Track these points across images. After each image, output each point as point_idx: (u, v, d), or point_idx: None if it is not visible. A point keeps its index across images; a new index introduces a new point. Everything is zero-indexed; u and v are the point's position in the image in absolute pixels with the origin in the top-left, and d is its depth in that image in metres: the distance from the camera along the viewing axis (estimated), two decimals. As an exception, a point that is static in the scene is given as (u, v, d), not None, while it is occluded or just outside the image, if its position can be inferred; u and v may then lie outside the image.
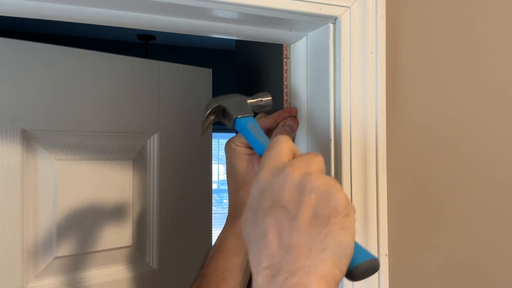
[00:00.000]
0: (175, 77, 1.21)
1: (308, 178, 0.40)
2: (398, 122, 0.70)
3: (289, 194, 0.40)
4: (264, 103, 0.64)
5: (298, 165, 0.42)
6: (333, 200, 0.39)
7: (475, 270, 0.78)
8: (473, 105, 0.77)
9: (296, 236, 0.39)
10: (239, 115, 0.59)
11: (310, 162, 0.43)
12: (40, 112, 0.98)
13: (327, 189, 0.40)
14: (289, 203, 0.40)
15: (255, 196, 0.43)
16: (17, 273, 0.95)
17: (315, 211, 0.39)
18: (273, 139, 0.48)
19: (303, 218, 0.39)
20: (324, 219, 0.39)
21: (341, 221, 0.39)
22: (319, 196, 0.40)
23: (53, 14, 0.54)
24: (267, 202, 0.41)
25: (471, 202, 0.77)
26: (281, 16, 0.58)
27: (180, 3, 0.52)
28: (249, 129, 0.57)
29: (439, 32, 0.74)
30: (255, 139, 0.56)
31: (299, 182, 0.41)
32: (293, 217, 0.40)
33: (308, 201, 0.40)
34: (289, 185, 0.41)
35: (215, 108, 0.60)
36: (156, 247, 1.18)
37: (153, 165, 1.17)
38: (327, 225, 0.39)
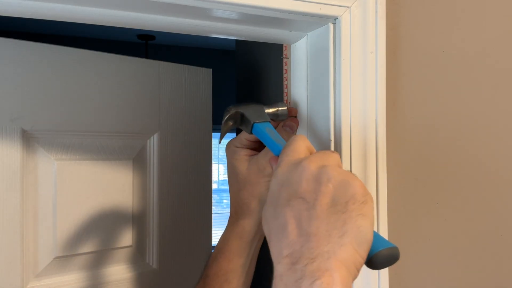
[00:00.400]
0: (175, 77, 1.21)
1: (325, 169, 0.42)
2: (398, 122, 0.70)
3: (307, 185, 0.42)
4: (281, 112, 0.66)
5: (315, 158, 0.43)
6: (350, 188, 0.40)
7: (475, 270, 0.78)
8: (473, 105, 0.77)
9: (314, 224, 0.40)
10: (257, 120, 0.61)
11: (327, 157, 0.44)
12: (40, 112, 0.98)
13: (344, 178, 0.41)
14: (307, 193, 0.41)
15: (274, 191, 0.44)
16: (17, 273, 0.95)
17: (332, 199, 0.40)
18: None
19: (320, 206, 0.40)
20: (342, 206, 0.40)
21: (359, 208, 0.40)
22: (336, 185, 0.41)
23: (53, 14, 0.54)
24: (285, 194, 0.42)
25: (471, 202, 0.77)
26: (281, 16, 0.58)
27: (180, 3, 0.52)
28: (267, 133, 0.59)
29: (439, 32, 0.74)
30: (273, 142, 0.57)
31: (316, 173, 0.42)
32: (311, 206, 0.41)
33: (325, 190, 0.41)
34: (307, 176, 0.42)
35: (234, 114, 0.62)
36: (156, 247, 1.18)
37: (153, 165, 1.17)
38: (345, 211, 0.40)
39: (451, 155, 0.75)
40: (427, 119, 0.73)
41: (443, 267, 0.75)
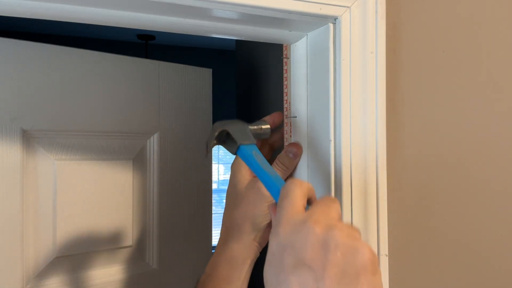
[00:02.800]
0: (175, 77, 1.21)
1: (332, 233, 0.39)
2: (398, 122, 0.70)
3: (313, 252, 0.39)
4: (263, 131, 0.65)
5: (319, 218, 0.41)
6: (360, 256, 0.38)
7: (475, 270, 0.78)
8: (473, 105, 0.77)
9: None
10: (244, 142, 0.59)
11: (329, 212, 0.42)
12: (40, 112, 0.98)
13: (352, 244, 0.38)
14: (314, 261, 0.38)
15: (276, 252, 0.41)
16: (17, 273, 0.95)
17: (342, 269, 0.38)
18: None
19: (330, 278, 0.38)
20: (352, 278, 0.38)
21: (371, 280, 0.38)
22: (345, 253, 0.38)
23: (53, 14, 0.54)
24: (289, 260, 0.40)
25: (471, 203, 0.77)
26: (281, 16, 0.58)
27: (180, 3, 0.52)
28: (253, 157, 0.57)
29: (439, 32, 0.74)
30: (260, 168, 0.55)
31: (322, 239, 0.39)
32: (319, 277, 0.38)
33: (334, 260, 0.38)
34: (312, 242, 0.39)
35: (220, 133, 0.61)
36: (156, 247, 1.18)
37: (153, 165, 1.17)
38: (356, 284, 0.37)
39: (451, 155, 0.75)
40: (427, 119, 0.73)
41: (443, 267, 0.75)
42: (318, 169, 0.65)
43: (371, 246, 0.41)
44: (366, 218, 0.64)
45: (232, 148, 0.60)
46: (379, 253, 0.65)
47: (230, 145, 0.60)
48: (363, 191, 0.63)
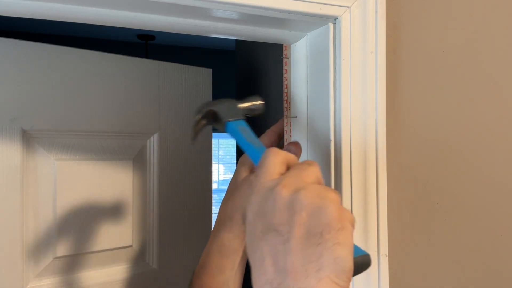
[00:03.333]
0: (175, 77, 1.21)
1: (297, 195, 0.39)
2: (398, 122, 0.70)
3: (280, 216, 0.39)
4: (255, 106, 0.64)
5: (288, 181, 0.40)
6: (324, 215, 0.37)
7: (475, 270, 0.78)
8: (472, 105, 0.77)
9: (290, 259, 0.37)
10: (230, 118, 0.59)
11: (302, 175, 0.41)
12: (40, 112, 0.98)
13: (318, 203, 0.38)
14: (281, 225, 0.38)
15: (250, 221, 0.41)
16: (17, 273, 0.95)
17: (307, 229, 0.38)
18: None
19: (295, 239, 0.37)
20: (317, 237, 0.37)
21: (335, 236, 0.37)
22: (310, 213, 0.38)
23: (53, 14, 0.54)
24: (260, 226, 0.40)
25: (471, 202, 0.77)
26: (281, 16, 0.58)
27: (180, 3, 0.52)
28: (239, 132, 0.57)
29: (439, 32, 0.74)
30: (245, 142, 0.55)
31: (288, 201, 0.39)
32: (286, 239, 0.38)
33: (298, 221, 0.38)
34: (279, 206, 0.39)
35: (207, 113, 0.61)
36: (156, 247, 1.18)
37: (153, 165, 1.17)
38: (321, 242, 0.37)
39: (451, 154, 0.75)
40: (427, 119, 0.73)
41: (443, 267, 0.75)
42: (318, 169, 0.65)
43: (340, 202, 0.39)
44: (366, 218, 0.64)
45: (221, 126, 0.60)
46: (379, 253, 0.65)
47: (220, 124, 0.60)
48: (363, 191, 0.63)
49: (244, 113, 0.62)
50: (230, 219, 0.63)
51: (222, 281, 0.62)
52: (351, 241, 0.38)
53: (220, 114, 0.59)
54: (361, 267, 0.41)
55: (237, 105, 0.62)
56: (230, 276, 0.62)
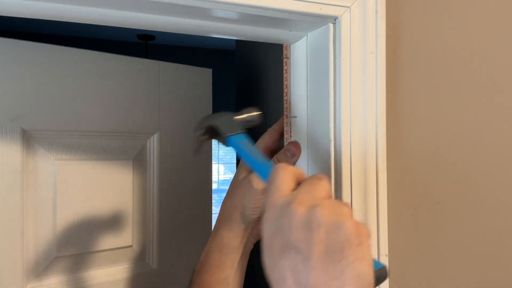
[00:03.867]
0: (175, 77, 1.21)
1: (314, 212, 0.39)
2: (398, 122, 0.70)
3: (298, 234, 0.39)
4: (252, 117, 0.65)
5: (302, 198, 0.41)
6: (342, 232, 0.38)
7: (475, 270, 0.78)
8: (473, 105, 0.77)
9: (312, 277, 0.38)
10: (230, 133, 0.59)
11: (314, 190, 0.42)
12: (40, 112, 0.98)
13: (335, 220, 0.39)
14: (299, 243, 0.39)
15: (267, 239, 0.42)
16: (17, 273, 0.95)
17: (326, 246, 0.38)
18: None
19: (315, 257, 0.38)
20: (337, 253, 0.38)
21: (355, 252, 0.38)
22: (328, 230, 0.39)
23: (53, 14, 0.54)
24: (278, 244, 0.41)
25: (471, 202, 0.77)
26: (281, 16, 0.58)
27: (180, 3, 0.52)
28: (241, 146, 0.57)
29: (439, 32, 0.74)
30: (249, 157, 0.56)
31: (305, 219, 0.39)
32: (306, 257, 0.39)
33: (317, 238, 0.39)
34: (296, 223, 0.40)
35: (206, 128, 0.61)
36: (156, 247, 1.18)
37: (153, 165, 1.17)
38: (342, 259, 0.38)
39: (451, 154, 0.75)
40: (427, 119, 0.73)
41: (443, 267, 0.75)
42: (318, 169, 0.65)
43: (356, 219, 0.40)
44: (366, 218, 0.64)
45: (222, 140, 0.61)
46: (379, 253, 0.65)
47: (220, 138, 0.61)
48: (363, 191, 0.63)
49: (242, 125, 0.62)
50: (230, 217, 0.64)
51: (222, 279, 0.62)
52: (370, 256, 0.39)
53: (219, 129, 0.60)
54: (380, 279, 0.42)
55: (234, 118, 0.62)
56: (230, 274, 0.63)
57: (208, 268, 0.63)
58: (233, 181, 0.67)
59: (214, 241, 0.64)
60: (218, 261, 0.63)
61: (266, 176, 0.51)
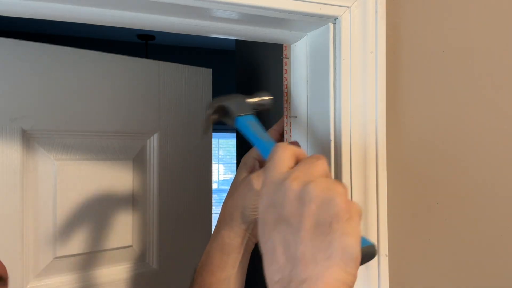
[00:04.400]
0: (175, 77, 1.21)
1: (307, 187, 0.40)
2: (398, 122, 0.70)
3: (290, 207, 0.41)
4: (264, 101, 0.65)
5: (298, 175, 0.42)
6: (332, 206, 0.39)
7: (475, 270, 0.78)
8: (473, 105, 0.77)
9: (300, 248, 0.39)
10: (240, 113, 0.60)
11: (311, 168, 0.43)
12: (40, 112, 0.98)
13: (327, 195, 0.40)
14: (291, 216, 0.40)
15: (262, 213, 0.43)
16: (17, 273, 0.95)
17: (316, 220, 0.40)
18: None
19: (305, 230, 0.40)
20: (326, 227, 0.39)
21: (343, 226, 0.39)
22: (319, 204, 0.40)
23: (53, 14, 0.54)
24: (271, 217, 0.42)
25: (471, 202, 0.77)
26: (281, 16, 0.58)
27: (180, 3, 0.52)
28: (249, 126, 0.58)
29: (439, 32, 0.74)
30: (255, 136, 0.57)
31: (298, 194, 0.41)
32: (296, 230, 0.40)
33: (308, 212, 0.40)
34: (289, 197, 0.41)
35: (217, 108, 0.62)
36: (156, 247, 1.18)
37: (153, 165, 1.17)
38: (330, 232, 0.39)
39: (451, 154, 0.75)
40: (427, 119, 0.73)
41: (443, 267, 0.75)
42: (318, 169, 0.65)
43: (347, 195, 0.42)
44: (366, 218, 0.64)
45: (231, 121, 0.61)
46: (379, 253, 0.65)
47: (229, 119, 0.62)
48: (363, 191, 0.63)
49: (253, 108, 0.63)
50: (230, 217, 0.64)
51: (223, 279, 0.63)
52: (358, 231, 0.40)
53: (230, 109, 0.61)
54: (368, 257, 0.42)
55: (246, 100, 0.63)
56: (231, 274, 0.63)
57: (209, 268, 0.63)
58: (233, 181, 0.67)
59: (215, 241, 0.64)
60: (219, 261, 0.63)
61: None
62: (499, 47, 0.80)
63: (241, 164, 0.67)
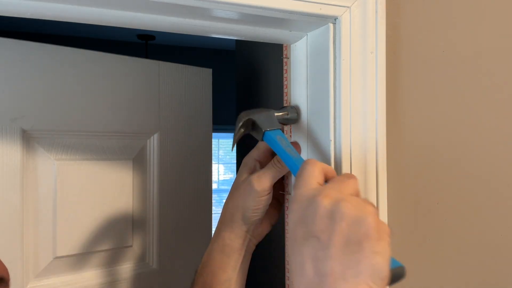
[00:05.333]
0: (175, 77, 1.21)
1: (338, 205, 0.41)
2: (398, 122, 0.70)
3: (321, 224, 0.42)
4: (290, 116, 0.67)
5: (329, 192, 0.43)
6: (363, 225, 0.40)
7: (475, 270, 0.78)
8: (473, 105, 0.77)
9: (329, 264, 0.40)
10: (268, 128, 0.61)
11: (342, 186, 0.44)
12: (40, 112, 0.98)
13: (358, 214, 0.41)
14: (321, 232, 0.41)
15: (291, 228, 0.44)
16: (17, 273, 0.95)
17: (347, 238, 0.40)
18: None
19: (335, 246, 0.40)
20: (356, 245, 0.40)
21: (373, 245, 0.40)
22: (350, 223, 0.41)
23: (53, 14, 0.54)
24: (301, 232, 0.43)
25: (471, 202, 0.77)
26: (281, 16, 0.58)
27: (180, 3, 0.52)
28: (278, 141, 0.59)
29: (439, 32, 0.74)
30: (283, 151, 0.58)
31: (329, 211, 0.42)
32: (326, 246, 0.41)
33: (339, 229, 0.41)
34: (320, 214, 0.42)
35: (246, 121, 0.63)
36: (156, 247, 1.18)
37: (153, 165, 1.17)
38: (359, 251, 0.40)
39: (451, 154, 0.75)
40: (427, 119, 0.73)
41: (443, 267, 0.75)
42: (318, 169, 0.65)
43: (378, 215, 0.42)
44: (366, 218, 0.64)
45: (259, 135, 0.62)
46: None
47: (257, 132, 0.62)
48: (363, 191, 0.63)
49: (280, 122, 0.65)
50: (231, 219, 0.64)
51: (224, 280, 0.63)
52: (388, 251, 0.41)
53: (258, 123, 0.62)
54: (396, 278, 0.43)
55: (274, 115, 0.64)
56: (232, 275, 0.63)
57: (210, 269, 0.63)
58: (234, 183, 0.67)
59: (216, 242, 0.64)
60: (220, 262, 0.63)
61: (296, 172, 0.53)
62: (499, 47, 0.80)
63: (242, 165, 0.67)
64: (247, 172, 0.65)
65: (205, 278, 0.63)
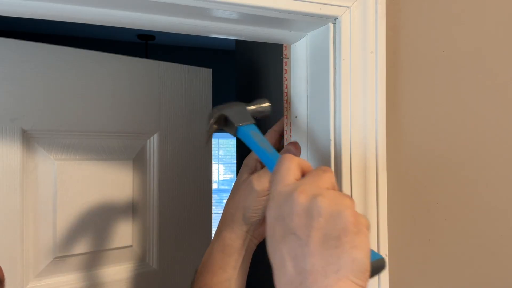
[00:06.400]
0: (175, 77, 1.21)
1: (315, 201, 0.41)
2: (398, 122, 0.70)
3: (298, 220, 0.41)
4: (263, 109, 0.65)
5: (305, 188, 0.42)
6: (341, 220, 0.40)
7: (475, 270, 0.78)
8: (473, 105, 0.77)
9: (309, 261, 0.40)
10: (241, 123, 0.60)
11: (318, 181, 0.43)
12: (40, 112, 0.98)
13: (335, 209, 0.40)
14: (299, 229, 0.41)
15: (270, 225, 0.44)
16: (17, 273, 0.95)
17: (325, 233, 0.40)
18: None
19: (314, 243, 0.40)
20: (335, 240, 0.40)
21: (352, 239, 0.39)
22: (327, 218, 0.40)
23: (53, 14, 0.54)
24: (279, 229, 0.42)
25: (471, 202, 0.77)
26: (281, 16, 0.58)
27: (180, 3, 0.52)
28: (252, 136, 0.58)
29: (439, 32, 0.74)
30: (258, 147, 0.57)
31: (306, 207, 0.41)
32: (304, 243, 0.40)
33: (316, 225, 0.40)
34: (297, 211, 0.41)
35: (218, 117, 0.62)
36: (156, 247, 1.18)
37: (153, 165, 1.17)
38: (338, 246, 0.39)
39: (452, 154, 0.75)
40: (427, 119, 0.73)
41: (443, 267, 0.75)
42: (318, 169, 0.65)
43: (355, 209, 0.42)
44: (366, 218, 0.64)
45: (232, 130, 0.61)
46: (379, 253, 0.65)
47: (230, 128, 0.61)
48: (363, 191, 0.63)
49: (253, 116, 0.63)
50: (232, 219, 0.64)
51: (224, 279, 0.63)
52: (367, 244, 0.40)
53: (231, 118, 0.61)
54: (377, 270, 0.43)
55: (246, 109, 0.63)
56: (233, 275, 0.63)
57: (210, 269, 0.63)
58: (235, 183, 0.67)
59: (217, 242, 0.64)
60: (221, 262, 0.63)
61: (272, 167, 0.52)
62: (499, 47, 0.80)
63: (243, 165, 0.67)
64: (247, 172, 0.66)
65: (205, 278, 0.63)
